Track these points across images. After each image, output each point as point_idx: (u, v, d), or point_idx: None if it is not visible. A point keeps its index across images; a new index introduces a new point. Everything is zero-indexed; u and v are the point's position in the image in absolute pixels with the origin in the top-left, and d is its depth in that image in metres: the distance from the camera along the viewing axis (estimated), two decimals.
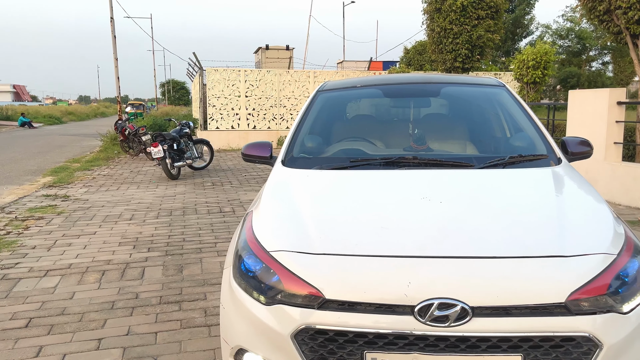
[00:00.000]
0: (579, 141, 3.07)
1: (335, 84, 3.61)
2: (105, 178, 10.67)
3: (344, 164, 2.80)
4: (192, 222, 6.60)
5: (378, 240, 2.03)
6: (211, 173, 11.29)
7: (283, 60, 23.53)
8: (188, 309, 3.79)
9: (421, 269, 1.89)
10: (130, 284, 4.33)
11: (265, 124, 17.23)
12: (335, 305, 1.89)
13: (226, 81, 16.69)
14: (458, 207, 2.24)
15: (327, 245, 2.04)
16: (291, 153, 3.03)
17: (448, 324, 1.79)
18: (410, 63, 25.13)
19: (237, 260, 2.22)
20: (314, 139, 3.21)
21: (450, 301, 1.80)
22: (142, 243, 5.63)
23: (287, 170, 2.85)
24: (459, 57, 14.16)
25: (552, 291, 1.80)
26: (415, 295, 1.82)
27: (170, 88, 73.88)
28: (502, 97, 3.30)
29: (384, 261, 1.93)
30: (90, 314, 3.73)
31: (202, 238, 5.80)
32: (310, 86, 17.46)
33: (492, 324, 1.79)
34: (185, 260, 4.99)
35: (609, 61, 31.97)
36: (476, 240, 1.98)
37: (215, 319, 3.59)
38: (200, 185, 9.65)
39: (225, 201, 8.06)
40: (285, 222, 2.26)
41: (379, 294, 1.86)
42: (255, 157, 3.22)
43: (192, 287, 4.24)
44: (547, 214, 2.15)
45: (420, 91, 3.46)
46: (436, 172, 2.64)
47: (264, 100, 17.14)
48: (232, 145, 16.77)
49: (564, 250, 1.91)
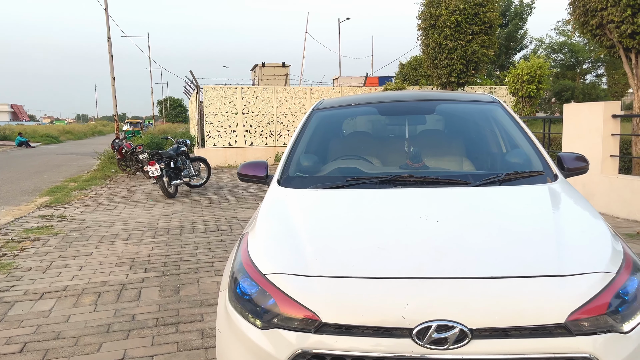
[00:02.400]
0: (574, 157, 3.07)
1: (331, 103, 3.62)
2: (102, 197, 10.63)
3: (340, 183, 2.78)
4: (189, 241, 6.57)
5: (375, 261, 2.01)
6: (208, 191, 11.27)
7: (279, 77, 23.66)
8: (185, 331, 3.74)
9: (419, 290, 1.86)
10: (127, 306, 4.29)
11: (262, 141, 17.26)
12: (333, 329, 1.86)
13: (223, 98, 16.75)
14: (455, 226, 2.22)
15: (323, 267, 2.01)
16: (287, 172, 3.02)
17: (447, 346, 1.77)
18: (405, 78, 25.25)
19: (233, 283, 2.19)
20: (310, 157, 3.20)
21: (449, 323, 1.78)
22: (138, 263, 5.58)
23: (283, 190, 2.83)
24: (454, 72, 14.25)
25: (552, 311, 1.78)
26: (413, 318, 1.80)
27: (168, 106, 74.17)
28: (497, 114, 3.31)
29: (381, 283, 1.91)
30: (85, 337, 3.68)
31: (199, 257, 5.76)
32: (307, 102, 17.53)
33: (491, 346, 1.76)
34: (182, 280, 4.94)
35: (602, 74, 32.22)
36: (474, 260, 1.96)
37: (212, 341, 3.54)
38: (198, 203, 9.62)
39: (223, 219, 8.03)
40: (281, 243, 2.24)
41: (376, 317, 1.83)
42: (251, 176, 3.21)
43: (188, 308, 4.19)
44: (544, 233, 2.14)
45: (416, 109, 3.46)
46: (432, 190, 2.62)
47: (260, 117, 17.19)
48: (229, 162, 16.78)
49: (563, 270, 1.90)
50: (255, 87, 17.69)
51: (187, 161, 11.12)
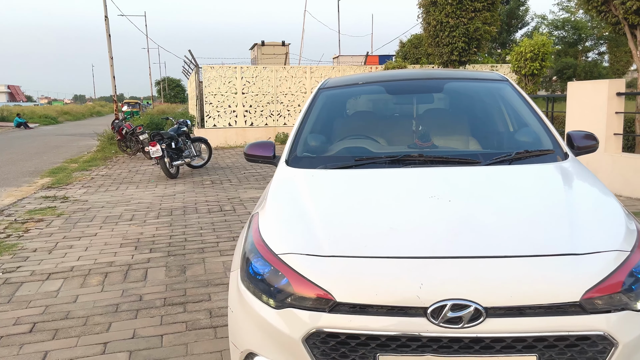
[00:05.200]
0: (584, 135, 3.05)
1: (337, 82, 3.58)
2: (104, 178, 10.62)
3: (349, 163, 2.77)
4: (193, 222, 6.58)
5: (388, 241, 2.01)
6: (210, 171, 11.25)
7: (279, 56, 23.43)
8: (193, 311, 3.76)
9: (433, 270, 1.86)
10: (134, 286, 4.31)
11: (262, 121, 17.18)
12: (347, 308, 1.87)
13: (222, 78, 16.61)
14: (467, 205, 2.21)
15: (336, 247, 2.01)
16: (295, 152, 3.00)
17: (461, 325, 1.78)
18: (406, 57, 25.06)
19: (245, 264, 2.19)
20: (317, 137, 3.18)
21: (464, 302, 1.78)
22: (143, 244, 5.60)
23: (292, 170, 2.82)
24: (455, 50, 14.12)
25: (567, 290, 1.78)
26: (428, 297, 1.80)
27: (166, 86, 73.65)
28: (505, 92, 3.28)
29: (395, 262, 1.91)
30: (94, 317, 3.71)
31: (204, 238, 5.77)
32: (307, 82, 17.40)
33: (506, 325, 1.77)
34: (188, 260, 4.96)
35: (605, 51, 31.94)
36: (488, 240, 1.96)
37: (221, 320, 3.57)
38: (200, 184, 9.61)
39: (226, 199, 8.03)
40: (293, 224, 2.24)
41: (390, 296, 1.83)
42: (259, 157, 3.19)
43: (195, 288, 4.22)
44: (557, 212, 2.13)
45: (423, 87, 3.43)
46: (443, 170, 2.61)
47: (260, 97, 17.08)
48: (229, 142, 16.72)
49: (577, 248, 1.89)
50: (254, 66, 17.53)
51: (188, 142, 11.08)
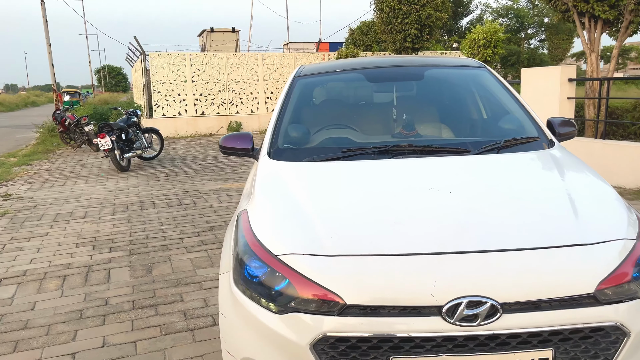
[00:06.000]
0: (563, 121, 3.06)
1: (313, 69, 3.44)
2: (48, 173, 10.02)
3: (336, 155, 2.65)
4: (152, 217, 6.28)
5: (394, 237, 1.91)
6: (163, 163, 10.85)
7: (229, 43, 22.83)
8: (166, 313, 3.56)
9: (446, 266, 1.79)
10: (97, 289, 4.04)
11: (214, 109, 16.73)
12: (357, 310, 1.77)
13: (171, 66, 16.03)
14: (469, 197, 2.15)
15: (340, 245, 1.90)
16: (276, 144, 2.86)
17: (478, 322, 1.71)
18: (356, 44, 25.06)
19: (239, 266, 2.04)
20: (298, 128, 3.04)
21: (480, 299, 1.71)
22: (101, 243, 5.29)
23: (276, 163, 2.67)
24: (408, 37, 14.20)
25: (581, 282, 1.75)
26: (443, 295, 1.72)
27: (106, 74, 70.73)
28: (485, 79, 3.24)
29: (406, 260, 1.82)
30: (57, 325, 3.44)
31: (167, 234, 5.52)
32: (259, 69, 17.07)
33: (522, 320, 1.72)
34: (153, 259, 4.72)
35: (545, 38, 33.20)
36: (497, 232, 1.90)
37: (198, 322, 3.39)
38: (154, 177, 9.23)
39: (184, 192, 7.74)
40: (289, 221, 2.10)
41: (404, 296, 1.75)
42: (236, 149, 3.02)
43: (165, 289, 4.00)
44: (560, 201, 2.10)
45: (404, 75, 3.34)
46: (434, 160, 2.54)
47: (211, 85, 16.62)
48: (180, 132, 16.21)
49: (586, 238, 1.87)
50: (204, 53, 17.01)
51: (138, 132, 10.61)
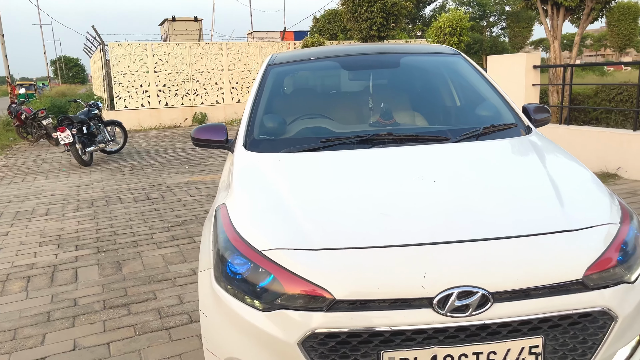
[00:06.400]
0: (538, 107, 3.07)
1: (286, 57, 3.35)
2: (5, 169, 9.60)
3: (315, 145, 2.59)
4: (119, 213, 6.08)
5: (382, 228, 1.87)
6: (127, 156, 10.54)
7: (192, 32, 22.34)
8: (139, 312, 3.44)
9: (436, 257, 1.75)
10: (64, 290, 3.88)
11: (178, 101, 16.37)
12: (347, 305, 1.72)
13: (132, 56, 15.57)
14: (454, 186, 2.12)
15: (327, 239, 1.85)
16: (252, 135, 2.77)
17: (469, 312, 1.69)
18: (320, 33, 24.93)
19: (220, 263, 1.96)
20: (274, 118, 2.96)
21: (470, 289, 1.69)
22: (66, 241, 5.08)
23: (253, 154, 2.59)
24: (374, 26, 14.18)
25: (569, 268, 1.75)
26: (434, 286, 1.69)
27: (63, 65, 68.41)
28: (460, 66, 3.23)
29: (394, 252, 1.78)
30: (24, 329, 3.28)
31: (135, 230, 5.35)
32: (224, 59, 16.77)
33: (512, 308, 1.71)
34: (122, 256, 4.56)
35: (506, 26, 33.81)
36: (485, 221, 1.89)
37: (173, 320, 3.29)
38: (118, 171, 8.96)
39: (151, 186, 7.53)
40: (272, 215, 2.03)
41: (394, 289, 1.71)
42: (209, 141, 2.92)
43: (137, 287, 3.87)
44: (544, 188, 2.10)
45: (380, 62, 3.30)
46: (414, 149, 2.51)
47: (174, 76, 16.24)
48: (143, 124, 15.81)
49: (572, 224, 1.87)
50: (167, 43, 16.60)
51: (100, 125, 10.27)
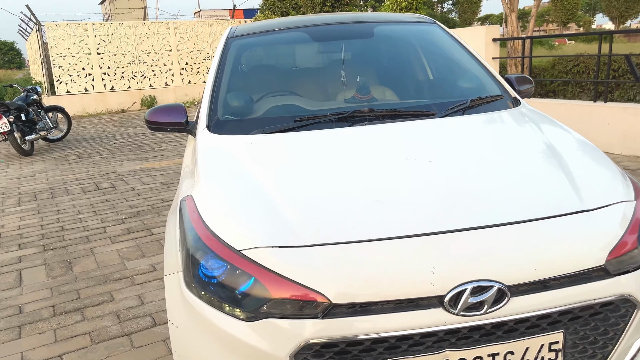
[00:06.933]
0: (521, 78, 2.90)
1: (248, 29, 3.03)
2: None
3: (289, 125, 2.31)
4: (66, 206, 5.61)
5: (378, 218, 1.63)
6: (72, 144, 9.89)
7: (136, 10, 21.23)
8: (95, 317, 3.10)
9: (443, 248, 1.53)
10: (7, 295, 3.47)
11: (124, 84, 15.55)
12: (345, 310, 1.48)
13: (72, 37, 14.61)
14: (451, 165, 1.90)
15: (317, 233, 1.59)
16: (216, 116, 2.46)
17: (484, 310, 1.48)
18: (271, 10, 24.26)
19: (191, 265, 1.68)
20: (239, 96, 2.65)
21: (485, 283, 1.48)
22: (7, 239, 4.61)
23: (219, 137, 2.29)
24: (327, 1, 13.82)
25: (591, 254, 1.57)
26: (444, 282, 1.47)
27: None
28: (437, 35, 3.01)
29: (397, 244, 1.54)
30: None
31: (86, 224, 4.92)
32: (172, 39, 16.01)
33: (531, 302, 1.52)
34: (72, 254, 4.16)
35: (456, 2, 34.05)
36: (493, 204, 1.68)
37: (135, 324, 2.97)
38: (64, 160, 8.35)
39: (100, 176, 7.03)
40: (249, 207, 1.75)
41: (399, 288, 1.48)
42: (167, 124, 2.59)
43: (91, 288, 3.51)
44: (548, 164, 1.91)
45: (352, 32, 3.02)
46: (400, 126, 2.27)
47: (119, 57, 15.38)
48: (88, 110, 14.95)
49: (586, 204, 1.68)
50: (109, 23, 15.68)
51: (41, 112, 9.55)
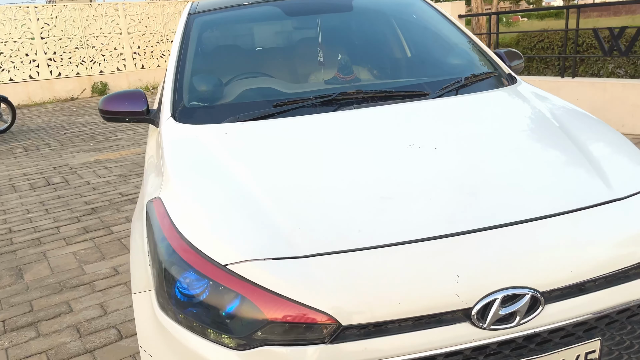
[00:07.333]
0: (510, 52, 2.70)
1: (212, 3, 2.71)
2: None
3: (267, 111, 2.04)
4: (13, 204, 5.14)
5: (387, 218, 1.39)
6: (18, 136, 9.22)
7: None
8: (51, 332, 2.76)
9: (467, 252, 1.31)
10: None
11: (72, 70, 14.69)
12: (356, 332, 1.25)
13: (12, 21, 13.64)
14: (461, 153, 1.68)
15: (317, 240, 1.34)
16: (181, 102, 2.16)
17: (517, 321, 1.28)
18: None
19: (165, 283, 1.40)
20: (206, 80, 2.35)
21: (517, 290, 1.28)
22: None
23: (187, 128, 1.99)
24: None
25: (628, 249, 1.39)
26: (471, 293, 1.26)
27: None
28: (421, 8, 2.77)
29: (412, 250, 1.31)
30: None
31: (37, 224, 4.50)
32: (122, 21, 15.20)
33: (566, 309, 1.32)
34: (22, 259, 3.76)
35: None
36: (515, 198, 1.47)
37: (98, 339, 2.66)
38: (9, 153, 7.75)
39: (51, 169, 6.53)
40: (232, 212, 1.48)
41: (419, 302, 1.25)
42: (124, 113, 2.27)
43: (45, 298, 3.15)
44: (566, 149, 1.71)
45: (329, 6, 2.74)
46: (391, 109, 2.03)
47: (66, 42, 14.50)
48: (34, 98, 14.07)
49: (615, 192, 1.50)
50: (52, 5, 14.73)
51: None
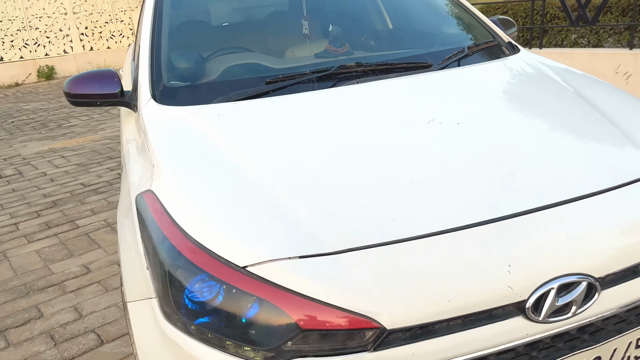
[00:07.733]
0: (503, 20, 2.59)
1: None
2: None
3: (260, 89, 1.84)
4: None
5: (420, 204, 1.24)
6: None
7: None
8: (22, 341, 2.51)
9: (515, 238, 1.18)
10: None
11: (15, 54, 13.81)
12: (402, 335, 1.10)
13: None
14: (487, 129, 1.55)
15: (347, 232, 1.18)
16: (161, 82, 1.93)
17: (573, 311, 1.16)
18: None
19: (171, 290, 1.21)
20: (187, 56, 2.12)
21: (573, 278, 1.16)
22: None
23: (173, 110, 1.77)
24: None
25: None
26: (525, 284, 1.13)
27: None
28: None
29: (455, 239, 1.17)
30: None
31: None
32: (66, 1, 14.34)
33: (620, 294, 1.22)
34: None
35: None
36: (558, 174, 1.34)
37: (76, 346, 2.43)
38: None
39: (1, 161, 6.07)
40: (241, 205, 1.29)
41: (470, 297, 1.11)
42: (95, 96, 2.02)
43: (11, 302, 2.88)
44: (594, 120, 1.60)
45: None
46: (396, 82, 1.88)
47: (6, 24, 13.58)
48: None
49: None
50: None
51: None
